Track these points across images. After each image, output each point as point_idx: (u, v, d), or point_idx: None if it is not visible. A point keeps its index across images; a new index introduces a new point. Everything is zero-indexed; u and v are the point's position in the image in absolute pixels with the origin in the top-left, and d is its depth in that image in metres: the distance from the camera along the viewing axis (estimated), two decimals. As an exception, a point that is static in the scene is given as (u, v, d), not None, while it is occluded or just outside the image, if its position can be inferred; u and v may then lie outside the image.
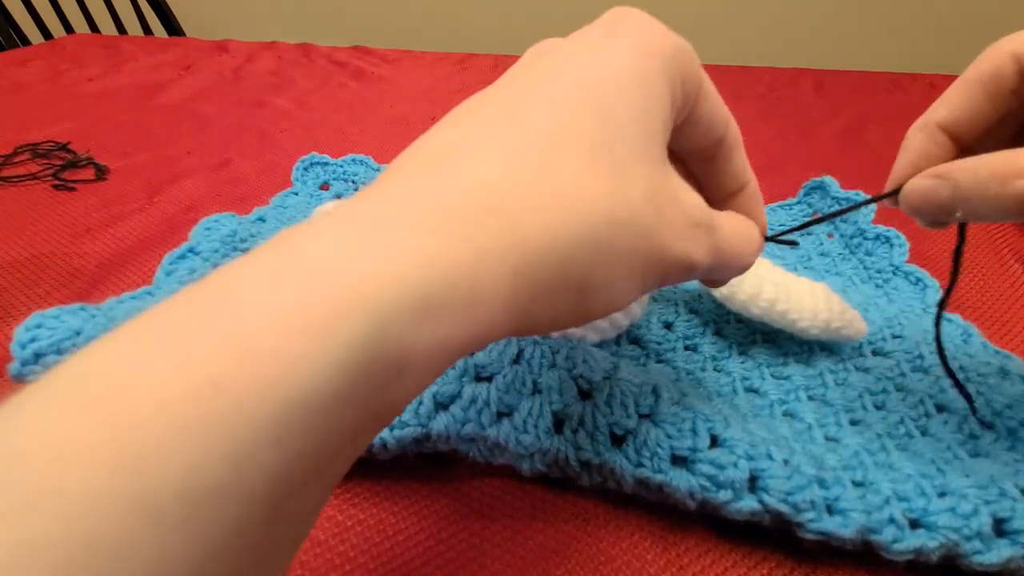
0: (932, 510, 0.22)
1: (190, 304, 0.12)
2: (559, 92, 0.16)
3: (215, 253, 0.37)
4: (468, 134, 0.16)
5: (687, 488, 0.24)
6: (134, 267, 0.41)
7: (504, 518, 0.26)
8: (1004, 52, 0.21)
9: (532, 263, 0.14)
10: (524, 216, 0.14)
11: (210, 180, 0.54)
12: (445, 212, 0.14)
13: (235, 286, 0.12)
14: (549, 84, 0.16)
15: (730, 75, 0.93)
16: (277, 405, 0.11)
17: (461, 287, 0.13)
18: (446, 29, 1.76)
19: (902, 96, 0.86)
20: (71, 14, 1.27)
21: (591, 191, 0.15)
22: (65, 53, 0.91)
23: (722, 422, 0.25)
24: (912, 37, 1.62)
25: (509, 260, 0.14)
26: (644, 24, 0.17)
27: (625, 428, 0.25)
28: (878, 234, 0.43)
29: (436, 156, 0.15)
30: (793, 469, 0.23)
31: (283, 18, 1.84)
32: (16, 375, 0.27)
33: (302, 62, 0.92)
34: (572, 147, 0.15)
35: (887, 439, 0.28)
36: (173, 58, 0.91)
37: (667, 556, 0.24)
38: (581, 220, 0.15)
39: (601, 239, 0.15)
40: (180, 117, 0.69)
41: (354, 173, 0.54)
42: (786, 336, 0.34)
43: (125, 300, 0.33)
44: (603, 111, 0.16)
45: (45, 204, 0.49)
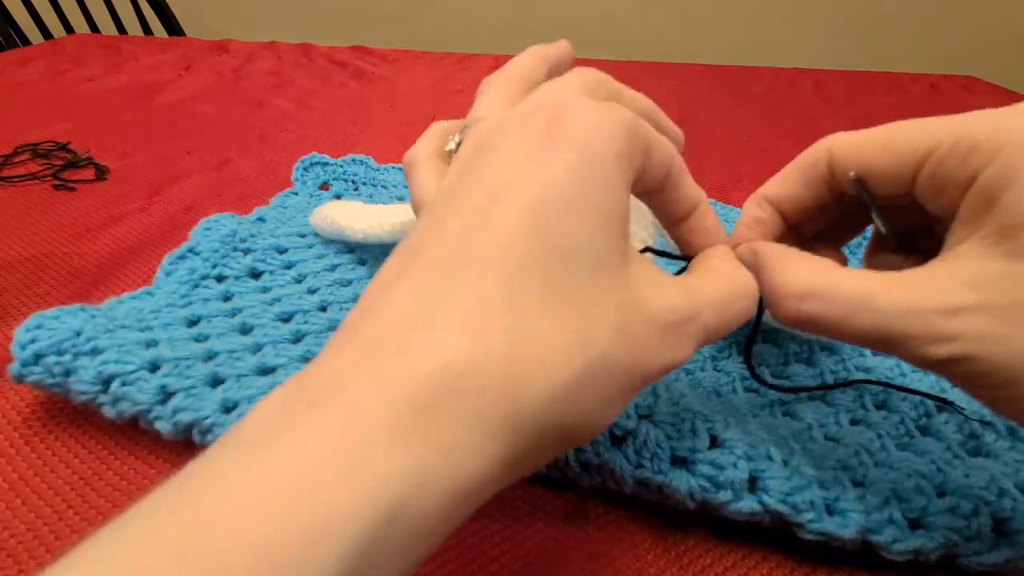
0: (932, 510, 0.22)
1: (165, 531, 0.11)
2: (506, 226, 0.15)
3: (215, 253, 0.37)
4: (424, 298, 0.15)
5: (687, 489, 0.24)
6: (134, 267, 0.41)
7: (504, 518, 0.26)
8: (822, 147, 0.22)
9: (508, 440, 0.14)
10: (492, 392, 0.14)
11: (210, 180, 0.54)
12: (413, 405, 0.13)
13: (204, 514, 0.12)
14: (495, 217, 0.15)
15: (730, 75, 0.93)
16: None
17: (435, 484, 0.13)
18: (446, 29, 1.76)
19: (902, 96, 0.86)
20: (71, 14, 1.27)
21: (555, 344, 0.14)
22: (65, 53, 0.91)
23: (722, 422, 0.25)
24: (912, 37, 1.62)
25: (485, 446, 0.14)
26: (587, 122, 0.16)
27: (625, 429, 0.25)
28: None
29: (397, 331, 0.14)
30: (793, 470, 0.23)
31: (283, 18, 1.84)
32: (16, 376, 0.27)
33: (302, 62, 0.92)
34: (529, 293, 0.14)
35: (887, 439, 0.28)
36: (173, 58, 0.91)
37: (667, 556, 0.24)
38: (550, 377, 0.14)
39: (573, 389, 0.15)
40: (180, 117, 0.70)
41: (354, 173, 0.54)
42: (787, 335, 0.34)
43: (125, 300, 0.33)
44: (554, 240, 0.15)
45: (45, 204, 0.49)
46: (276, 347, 0.31)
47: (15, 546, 0.24)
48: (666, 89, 0.86)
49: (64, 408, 0.29)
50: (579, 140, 0.16)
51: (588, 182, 0.16)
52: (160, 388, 0.26)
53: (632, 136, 0.17)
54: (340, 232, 0.38)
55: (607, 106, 0.17)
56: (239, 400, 0.26)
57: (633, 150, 0.17)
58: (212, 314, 0.33)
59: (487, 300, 0.14)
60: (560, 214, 0.15)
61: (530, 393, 0.14)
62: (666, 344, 0.17)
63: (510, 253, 0.15)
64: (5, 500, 0.25)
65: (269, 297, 0.35)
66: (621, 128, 0.16)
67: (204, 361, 0.29)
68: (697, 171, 0.61)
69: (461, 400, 0.13)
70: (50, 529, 0.24)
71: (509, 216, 0.15)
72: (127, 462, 0.27)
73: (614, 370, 0.15)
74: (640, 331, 0.16)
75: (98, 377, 0.27)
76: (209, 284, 0.35)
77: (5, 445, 0.28)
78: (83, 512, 0.25)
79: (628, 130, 0.17)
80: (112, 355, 0.27)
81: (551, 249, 0.15)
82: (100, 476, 0.26)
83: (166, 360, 0.27)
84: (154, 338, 0.29)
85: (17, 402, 0.30)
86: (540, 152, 0.16)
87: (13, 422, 0.29)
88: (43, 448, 0.28)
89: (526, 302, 0.14)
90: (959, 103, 0.83)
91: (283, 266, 0.38)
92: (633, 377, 0.16)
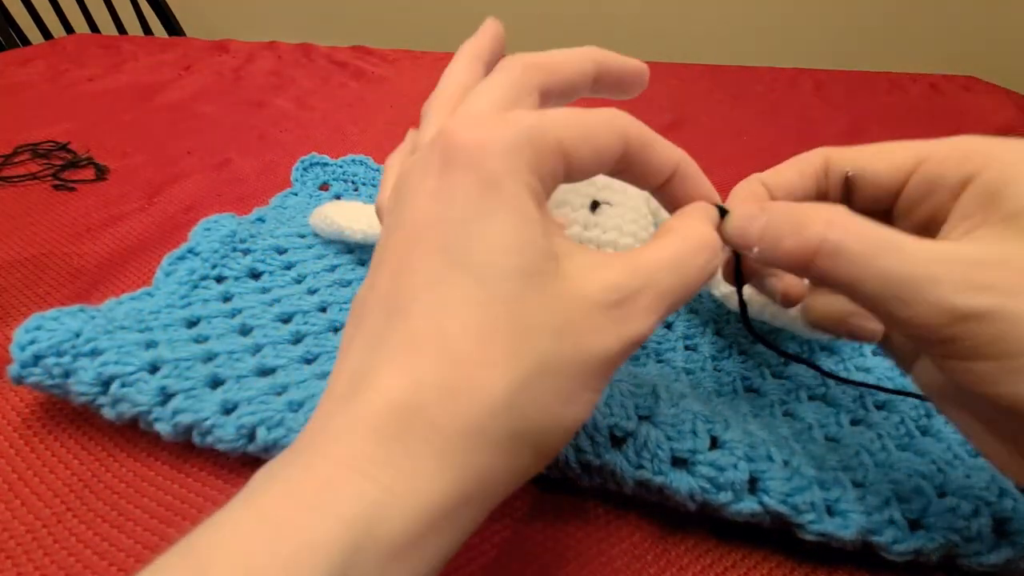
0: (932, 511, 0.22)
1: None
2: (425, 267, 0.16)
3: (214, 254, 0.37)
4: (370, 350, 0.16)
5: (687, 490, 0.23)
6: (134, 267, 0.41)
7: (504, 518, 0.26)
8: (820, 151, 0.23)
9: (464, 458, 0.15)
10: (438, 419, 0.15)
11: (210, 180, 0.54)
12: (372, 442, 0.15)
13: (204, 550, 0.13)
14: (414, 262, 0.16)
15: (730, 75, 0.93)
16: None
17: (400, 508, 0.14)
18: (446, 29, 1.76)
19: (902, 96, 0.86)
20: (71, 14, 1.27)
21: (486, 361, 0.15)
22: (65, 53, 0.91)
23: (722, 423, 0.25)
24: (912, 37, 1.62)
25: (444, 468, 0.15)
26: (477, 143, 0.16)
27: (625, 430, 0.25)
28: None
29: (352, 385, 0.16)
30: (793, 470, 0.23)
31: (283, 18, 1.84)
32: (15, 377, 0.27)
33: (302, 62, 0.92)
34: (454, 321, 0.15)
35: (887, 439, 0.28)
36: (173, 58, 0.91)
37: (667, 557, 0.24)
38: (486, 392, 0.15)
39: (515, 396, 0.15)
40: (180, 117, 0.69)
41: (354, 173, 0.54)
42: (787, 335, 0.34)
43: (124, 301, 0.33)
44: (470, 268, 0.16)
45: (45, 204, 0.49)
46: (276, 348, 0.31)
47: (14, 548, 0.24)
48: (666, 89, 0.86)
49: (64, 409, 0.29)
50: (471, 164, 0.16)
51: (488, 203, 0.16)
52: (160, 389, 0.26)
53: (534, 141, 0.17)
54: (340, 232, 0.38)
55: (499, 120, 0.17)
56: (239, 401, 0.26)
57: (539, 155, 0.17)
58: (212, 315, 0.33)
59: (417, 339, 0.16)
60: (468, 242, 0.16)
61: (471, 411, 0.15)
62: (617, 323, 0.17)
63: (432, 290, 0.16)
64: (4, 501, 0.25)
65: (269, 298, 0.35)
66: (515, 139, 0.16)
67: (204, 362, 0.28)
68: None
69: (413, 432, 0.15)
70: (48, 531, 0.24)
71: (426, 258, 0.16)
72: (126, 464, 0.27)
73: (561, 367, 0.16)
74: (582, 320, 0.16)
75: (98, 378, 0.26)
76: (209, 285, 0.35)
77: (5, 446, 0.28)
78: (81, 515, 0.25)
79: (527, 137, 0.17)
80: (112, 356, 0.27)
81: (469, 276, 0.16)
82: (99, 478, 0.26)
83: (166, 361, 0.27)
84: (154, 339, 0.29)
85: (17, 403, 0.30)
86: (438, 189, 0.17)
87: (13, 423, 0.29)
88: (42, 449, 0.28)
89: (452, 330, 0.15)
90: (959, 103, 0.83)
91: (283, 267, 0.38)
92: (588, 367, 0.16)
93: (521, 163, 0.16)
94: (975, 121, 0.75)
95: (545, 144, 0.17)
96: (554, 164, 0.17)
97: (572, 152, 0.18)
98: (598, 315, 0.16)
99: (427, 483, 0.14)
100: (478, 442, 0.15)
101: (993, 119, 0.75)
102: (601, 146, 0.18)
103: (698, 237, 0.19)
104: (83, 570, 0.23)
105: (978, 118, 0.76)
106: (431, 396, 0.15)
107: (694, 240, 0.19)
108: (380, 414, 0.15)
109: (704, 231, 0.19)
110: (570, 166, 0.18)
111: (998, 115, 0.76)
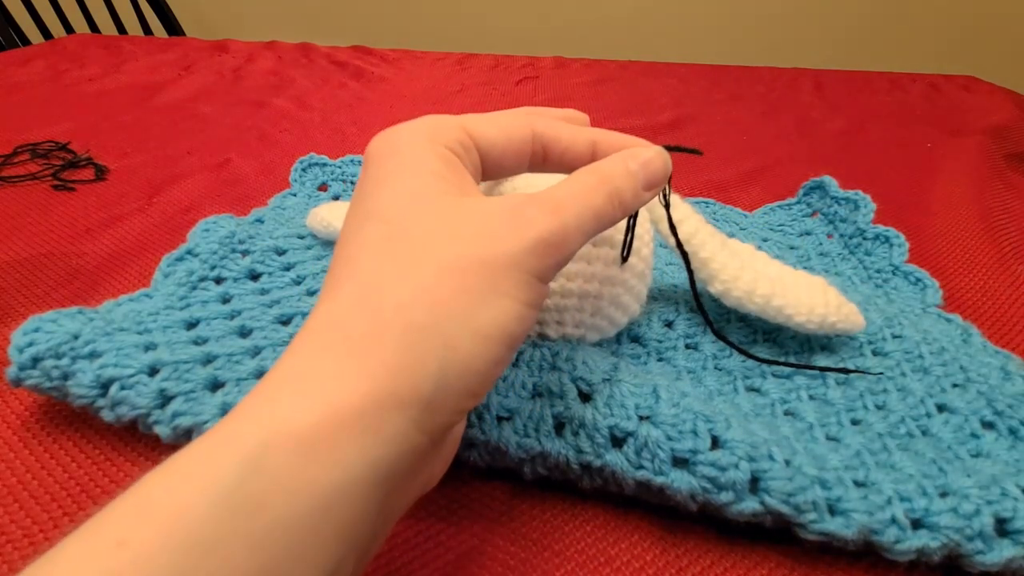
0: (934, 510, 0.22)
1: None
2: (348, 229, 0.19)
3: (213, 255, 0.37)
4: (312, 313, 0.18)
5: (688, 490, 0.23)
6: (134, 267, 0.41)
7: (504, 519, 0.25)
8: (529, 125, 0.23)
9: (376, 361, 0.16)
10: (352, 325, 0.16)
11: (210, 180, 0.54)
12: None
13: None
14: (344, 232, 0.19)
15: (730, 75, 0.93)
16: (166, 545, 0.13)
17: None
18: (446, 29, 1.76)
19: (902, 96, 0.86)
20: (71, 14, 1.27)
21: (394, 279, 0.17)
22: (65, 53, 0.91)
23: (723, 423, 0.25)
24: (912, 37, 1.62)
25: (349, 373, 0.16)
26: (384, 139, 0.20)
27: (625, 430, 0.25)
28: (877, 234, 0.43)
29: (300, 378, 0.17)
30: (795, 470, 0.23)
31: (283, 18, 1.84)
32: (14, 379, 0.27)
33: (302, 62, 0.92)
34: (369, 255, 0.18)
35: (888, 439, 0.27)
36: (173, 58, 0.91)
37: (667, 557, 0.24)
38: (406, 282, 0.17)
39: (430, 291, 0.17)
40: (180, 117, 0.69)
41: (352, 174, 0.53)
42: (787, 335, 0.34)
43: (123, 303, 0.32)
44: (377, 211, 0.18)
45: (45, 204, 0.49)
46: (276, 350, 0.31)
47: (11, 551, 0.24)
48: (664, 89, 0.86)
49: (62, 411, 0.29)
50: (381, 151, 0.20)
51: (391, 164, 0.19)
52: (159, 392, 0.26)
53: (432, 122, 0.20)
54: (336, 235, 0.38)
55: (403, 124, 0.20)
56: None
57: (438, 128, 0.20)
58: (211, 316, 0.32)
59: (340, 279, 0.18)
60: (377, 193, 0.19)
61: (375, 313, 0.16)
62: (516, 227, 0.18)
63: (351, 241, 0.19)
64: (2, 504, 0.25)
65: (268, 299, 0.35)
66: (414, 124, 0.20)
67: (203, 365, 0.28)
68: (697, 171, 0.60)
69: (331, 344, 0.16)
70: (45, 536, 0.24)
71: (350, 222, 0.19)
72: (123, 468, 0.27)
73: (462, 266, 0.17)
74: (480, 226, 0.18)
75: (96, 381, 0.26)
76: (208, 286, 0.35)
77: (3, 448, 0.28)
78: (79, 519, 0.25)
79: (424, 121, 0.20)
80: (111, 358, 0.27)
81: (375, 220, 0.18)
82: (96, 482, 0.26)
83: (165, 363, 0.27)
84: (153, 341, 0.29)
85: (16, 405, 0.30)
86: (362, 180, 0.20)
87: (12, 425, 0.29)
88: (41, 451, 0.27)
89: (363, 263, 0.18)
90: (959, 103, 0.83)
91: (282, 268, 0.38)
92: (490, 266, 0.17)
93: (418, 135, 0.20)
94: (975, 121, 0.75)
95: (444, 122, 0.20)
96: (457, 135, 0.20)
97: (476, 130, 0.20)
98: (495, 221, 0.18)
99: (336, 382, 0.15)
100: (384, 339, 0.16)
101: (992, 118, 0.75)
102: (506, 126, 0.21)
103: (592, 167, 0.21)
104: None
105: (978, 118, 0.76)
106: (344, 313, 0.17)
107: (589, 169, 0.21)
108: (304, 341, 0.16)
109: (606, 161, 0.21)
110: (480, 145, 0.21)
111: (998, 115, 0.76)
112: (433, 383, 0.16)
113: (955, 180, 0.59)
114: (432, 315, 0.16)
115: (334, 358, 0.16)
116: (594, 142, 0.22)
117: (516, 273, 0.17)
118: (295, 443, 0.14)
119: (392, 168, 0.19)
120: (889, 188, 0.56)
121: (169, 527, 0.13)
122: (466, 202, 0.18)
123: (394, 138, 0.20)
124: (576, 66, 0.95)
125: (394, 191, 0.19)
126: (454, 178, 0.19)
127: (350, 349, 0.16)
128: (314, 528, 0.14)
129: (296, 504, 0.14)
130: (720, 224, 0.48)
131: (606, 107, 0.78)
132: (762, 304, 0.31)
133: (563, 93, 0.83)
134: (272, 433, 0.14)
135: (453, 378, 0.16)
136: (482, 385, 0.17)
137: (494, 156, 0.21)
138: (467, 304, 0.17)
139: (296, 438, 0.14)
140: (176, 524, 0.13)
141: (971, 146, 0.66)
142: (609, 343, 0.33)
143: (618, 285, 0.30)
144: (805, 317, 0.31)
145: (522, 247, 0.17)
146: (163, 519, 0.13)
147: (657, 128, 0.71)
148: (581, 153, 0.22)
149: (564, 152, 0.22)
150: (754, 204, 0.52)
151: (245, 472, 0.13)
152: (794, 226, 0.48)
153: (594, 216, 0.19)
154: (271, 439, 0.14)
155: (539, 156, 0.22)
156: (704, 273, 0.32)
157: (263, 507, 0.13)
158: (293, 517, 0.13)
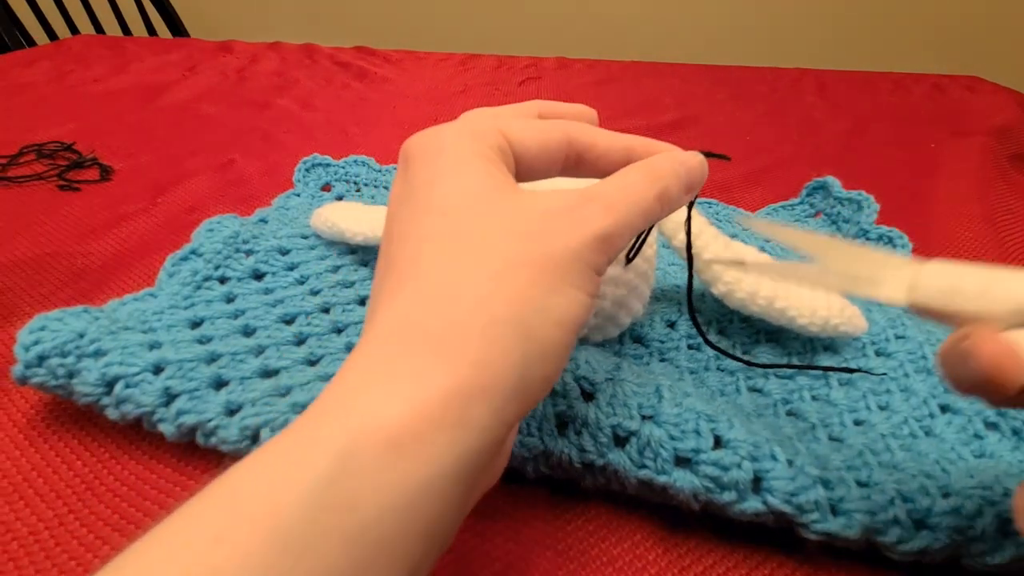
0: (937, 510, 0.22)
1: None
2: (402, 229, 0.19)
3: (217, 255, 0.37)
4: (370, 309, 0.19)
5: (691, 489, 0.23)
6: (139, 267, 0.41)
7: (506, 518, 0.26)
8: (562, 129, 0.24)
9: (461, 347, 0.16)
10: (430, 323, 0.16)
11: (214, 181, 0.54)
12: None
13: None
14: (393, 230, 0.19)
15: (732, 75, 0.93)
16: (264, 543, 0.13)
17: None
18: (449, 29, 1.76)
19: (905, 96, 0.86)
20: (76, 15, 1.28)
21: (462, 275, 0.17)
22: (70, 54, 0.92)
23: (726, 423, 0.25)
24: (915, 38, 1.62)
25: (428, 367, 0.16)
26: (425, 140, 0.20)
27: (628, 429, 0.25)
28: (881, 235, 0.43)
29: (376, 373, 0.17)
30: (797, 470, 0.23)
31: (287, 19, 1.84)
32: (19, 378, 0.27)
33: (305, 63, 0.92)
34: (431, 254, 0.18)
35: (891, 439, 0.27)
36: (178, 59, 0.91)
37: (669, 556, 0.24)
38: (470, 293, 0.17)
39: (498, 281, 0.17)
40: (184, 118, 0.70)
41: (356, 174, 0.54)
42: (790, 336, 0.34)
43: (128, 302, 0.33)
44: (433, 209, 0.19)
45: (50, 204, 0.49)
46: (279, 349, 0.31)
47: (16, 549, 0.24)
48: (667, 89, 0.86)
49: (67, 410, 0.29)
50: (422, 151, 0.20)
51: (439, 164, 0.19)
52: (164, 390, 0.26)
53: (470, 123, 0.20)
54: (340, 236, 0.38)
55: (440, 126, 0.21)
56: (243, 403, 0.27)
57: (478, 132, 0.20)
58: (215, 316, 0.33)
59: (403, 278, 0.18)
60: (429, 194, 0.19)
61: (452, 309, 0.16)
62: (575, 224, 0.18)
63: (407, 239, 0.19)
64: (8, 501, 0.25)
65: (272, 299, 0.35)
66: (454, 125, 0.20)
67: (207, 363, 0.29)
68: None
69: (408, 342, 0.16)
70: (50, 533, 0.24)
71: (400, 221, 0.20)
72: (127, 466, 0.27)
73: (529, 261, 0.17)
74: (540, 224, 0.18)
75: (101, 379, 0.27)
76: (212, 286, 0.35)
77: (9, 446, 0.28)
78: (83, 517, 0.25)
79: (464, 122, 0.21)
80: (116, 357, 0.27)
81: (433, 215, 0.18)
82: (101, 480, 0.26)
83: (170, 362, 0.28)
84: (157, 340, 0.29)
85: (21, 403, 0.30)
86: (403, 179, 0.20)
87: (18, 423, 0.29)
88: (46, 449, 0.28)
89: (425, 260, 0.18)
90: (962, 103, 0.83)
91: (286, 267, 0.38)
92: (556, 261, 0.18)
93: (463, 136, 0.20)
94: (978, 121, 0.74)
95: (483, 124, 0.20)
96: (497, 139, 0.20)
97: (513, 136, 0.21)
98: (555, 217, 0.18)
99: (423, 379, 0.15)
100: (467, 334, 0.16)
101: (996, 119, 0.75)
102: (542, 132, 0.21)
103: (642, 166, 0.21)
104: (83, 574, 0.23)
105: (981, 118, 0.76)
106: (418, 311, 0.17)
107: (639, 167, 0.21)
108: (373, 342, 0.17)
109: (654, 160, 0.21)
110: (516, 150, 0.21)
111: (1001, 115, 0.76)
112: (517, 373, 0.16)
113: (959, 181, 0.59)
114: (511, 308, 0.17)
115: (415, 356, 0.16)
116: (630, 148, 0.22)
117: (579, 265, 0.18)
118: (384, 441, 0.14)
119: (443, 166, 0.19)
120: (892, 188, 0.56)
121: (266, 525, 0.13)
122: (523, 198, 0.19)
123: (439, 137, 0.20)
124: (579, 66, 0.95)
125: (451, 187, 0.19)
126: (502, 176, 0.19)
127: (431, 346, 0.16)
128: (403, 525, 0.14)
129: (387, 502, 0.14)
130: (723, 225, 0.48)
131: (609, 107, 0.78)
132: (765, 306, 0.31)
133: (566, 93, 0.83)
134: (360, 432, 0.14)
135: (535, 367, 0.17)
136: (556, 371, 0.18)
137: (527, 160, 0.21)
138: (541, 295, 0.17)
139: (385, 436, 0.14)
140: (272, 522, 0.13)
141: (975, 147, 0.66)
142: (612, 343, 0.33)
143: (622, 286, 0.30)
144: (808, 319, 0.31)
145: (583, 243, 0.18)
146: (259, 517, 0.13)
147: (660, 128, 0.71)
148: (616, 160, 0.22)
149: (599, 159, 0.22)
150: (757, 205, 0.52)
151: (335, 472, 0.14)
152: (797, 227, 0.48)
153: (643, 214, 0.20)
154: (360, 438, 0.14)
155: (572, 161, 0.22)
156: (707, 275, 0.32)
157: (355, 506, 0.14)
158: (384, 514, 0.14)
